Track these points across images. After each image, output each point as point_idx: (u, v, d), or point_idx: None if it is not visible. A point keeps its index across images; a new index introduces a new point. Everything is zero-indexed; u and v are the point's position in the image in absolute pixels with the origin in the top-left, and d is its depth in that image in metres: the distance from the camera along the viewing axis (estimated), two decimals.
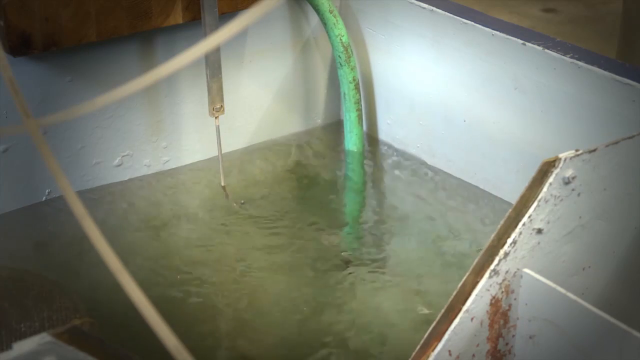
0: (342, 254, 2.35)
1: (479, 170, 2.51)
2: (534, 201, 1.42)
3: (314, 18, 2.71)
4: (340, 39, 2.63)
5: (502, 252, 1.41)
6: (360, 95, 2.71)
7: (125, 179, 2.57)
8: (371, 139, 2.79)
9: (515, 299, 1.45)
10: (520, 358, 1.49)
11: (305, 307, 2.16)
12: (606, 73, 2.13)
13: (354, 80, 2.67)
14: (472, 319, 1.40)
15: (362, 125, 2.72)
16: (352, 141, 2.72)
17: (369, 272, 2.28)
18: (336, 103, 2.84)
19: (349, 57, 2.65)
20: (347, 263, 2.32)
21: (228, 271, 2.29)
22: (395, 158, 2.71)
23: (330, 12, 2.60)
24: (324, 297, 2.20)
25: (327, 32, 2.64)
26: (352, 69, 2.66)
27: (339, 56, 2.65)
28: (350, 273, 2.28)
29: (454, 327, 1.38)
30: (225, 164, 2.46)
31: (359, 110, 2.70)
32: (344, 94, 2.69)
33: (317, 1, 2.59)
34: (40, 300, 1.94)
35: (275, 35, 2.70)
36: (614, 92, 2.12)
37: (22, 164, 2.39)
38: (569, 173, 1.44)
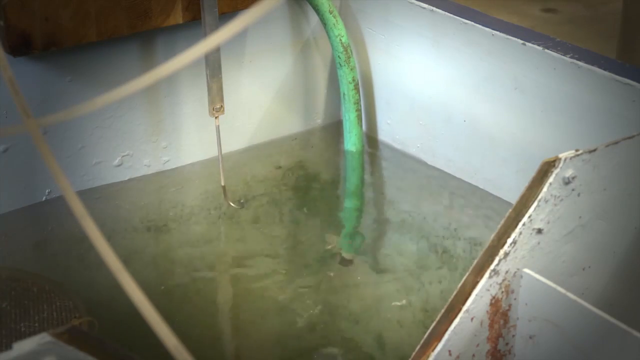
0: (342, 254, 2.35)
1: (479, 170, 2.51)
2: (534, 201, 1.42)
3: (314, 18, 2.71)
4: (340, 39, 2.63)
5: (502, 252, 1.41)
6: (359, 95, 2.71)
7: (125, 179, 2.57)
8: (371, 139, 2.78)
9: (515, 299, 1.45)
10: (520, 358, 1.49)
11: (304, 307, 2.16)
12: (606, 73, 2.13)
13: (353, 80, 2.67)
14: (472, 319, 1.40)
15: (361, 126, 2.72)
16: (351, 141, 2.72)
17: (369, 271, 2.28)
18: (336, 103, 2.84)
19: (349, 57, 2.65)
20: (346, 263, 2.32)
21: (227, 271, 2.29)
22: (395, 158, 2.71)
23: (330, 12, 2.60)
24: (323, 296, 2.20)
25: (327, 32, 2.64)
26: (351, 69, 2.66)
27: (338, 56, 2.65)
28: (349, 273, 2.28)
29: (454, 327, 1.38)
30: (225, 164, 2.46)
31: (358, 110, 2.70)
32: (344, 94, 2.69)
33: (317, 1, 2.59)
34: (40, 300, 1.94)
35: (275, 35, 2.70)
36: (614, 92, 2.12)
37: (22, 164, 2.39)
38: (569, 173, 1.44)
